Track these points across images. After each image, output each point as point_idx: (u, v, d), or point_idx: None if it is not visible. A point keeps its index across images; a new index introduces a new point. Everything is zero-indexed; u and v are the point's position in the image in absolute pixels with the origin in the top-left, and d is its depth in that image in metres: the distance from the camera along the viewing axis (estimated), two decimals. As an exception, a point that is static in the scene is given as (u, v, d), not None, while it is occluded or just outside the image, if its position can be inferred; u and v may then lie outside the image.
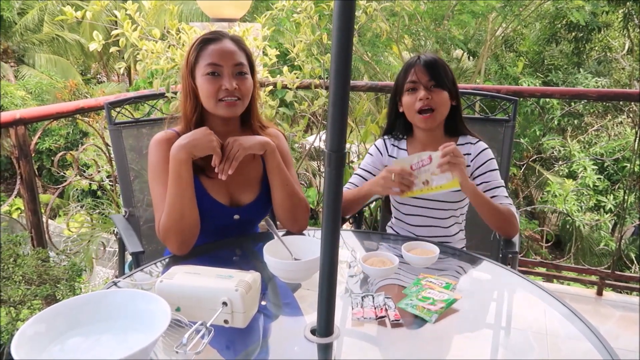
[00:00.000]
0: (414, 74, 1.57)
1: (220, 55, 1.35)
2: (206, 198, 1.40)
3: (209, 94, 1.36)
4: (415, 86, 1.57)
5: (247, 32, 2.40)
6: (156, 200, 1.38)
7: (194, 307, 0.99)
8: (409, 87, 1.58)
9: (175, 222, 1.30)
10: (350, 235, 1.58)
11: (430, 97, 1.55)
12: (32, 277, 1.57)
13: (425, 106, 1.56)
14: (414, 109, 1.58)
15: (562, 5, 7.87)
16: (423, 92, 1.55)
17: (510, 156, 1.94)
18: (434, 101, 1.56)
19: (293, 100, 2.69)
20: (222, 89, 1.34)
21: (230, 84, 1.34)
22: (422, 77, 1.56)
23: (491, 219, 1.54)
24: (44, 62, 13.10)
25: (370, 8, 2.35)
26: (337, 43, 0.81)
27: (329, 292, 0.94)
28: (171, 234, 1.31)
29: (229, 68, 1.35)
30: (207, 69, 1.35)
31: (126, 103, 2.00)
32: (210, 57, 1.35)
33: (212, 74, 1.35)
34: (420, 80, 1.56)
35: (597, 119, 8.67)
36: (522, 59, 9.21)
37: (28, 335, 0.84)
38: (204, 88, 1.36)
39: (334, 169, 0.88)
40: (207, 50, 1.36)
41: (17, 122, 2.01)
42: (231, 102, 1.36)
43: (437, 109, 1.57)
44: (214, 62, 1.35)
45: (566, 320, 1.09)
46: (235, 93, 1.36)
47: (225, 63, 1.35)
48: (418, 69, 1.56)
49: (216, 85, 1.35)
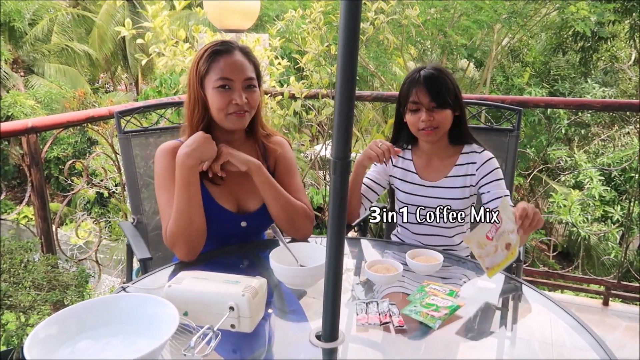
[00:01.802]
0: (416, 95, 1.58)
1: (231, 70, 1.36)
2: (213, 205, 1.42)
3: (220, 108, 1.37)
4: (417, 107, 1.59)
5: (257, 42, 2.44)
6: (162, 208, 1.40)
7: (201, 311, 1.01)
8: (411, 107, 1.60)
9: (183, 229, 1.31)
10: (355, 242, 1.60)
11: (432, 118, 1.58)
12: (41, 283, 1.58)
13: (428, 127, 1.59)
14: (416, 127, 1.61)
15: (567, 16, 7.89)
16: (425, 115, 1.58)
17: (514, 165, 1.95)
18: (435, 121, 1.58)
19: (300, 110, 2.72)
20: (233, 103, 1.36)
21: (241, 98, 1.36)
22: (424, 98, 1.57)
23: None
24: (53, 71, 13.27)
25: (377, 20, 2.38)
26: (343, 53, 0.84)
27: (333, 298, 0.96)
28: (179, 240, 1.32)
29: (240, 82, 1.37)
30: (219, 83, 1.36)
31: (136, 112, 2.03)
32: (222, 70, 1.36)
33: (223, 87, 1.36)
34: (422, 102, 1.58)
35: (604, 129, 8.65)
36: (528, 69, 9.23)
37: (40, 337, 0.86)
38: (215, 101, 1.37)
39: (339, 177, 0.89)
40: (218, 63, 1.36)
41: (29, 131, 2.05)
42: (240, 114, 1.38)
43: (439, 127, 1.60)
44: (226, 77, 1.36)
45: (572, 330, 1.10)
46: (245, 107, 1.38)
47: (237, 77, 1.37)
48: (419, 90, 1.57)
49: (227, 99, 1.36)
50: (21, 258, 1.55)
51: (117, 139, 1.96)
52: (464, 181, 1.65)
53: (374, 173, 1.78)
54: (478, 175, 1.64)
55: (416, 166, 1.72)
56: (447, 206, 1.63)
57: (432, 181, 1.68)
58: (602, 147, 8.19)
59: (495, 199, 1.60)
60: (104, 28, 13.86)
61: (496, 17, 7.56)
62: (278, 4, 7.29)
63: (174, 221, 1.32)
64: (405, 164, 1.74)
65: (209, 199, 1.42)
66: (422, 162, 1.72)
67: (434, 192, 1.67)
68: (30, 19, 13.68)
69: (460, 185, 1.66)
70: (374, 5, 2.39)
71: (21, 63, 13.67)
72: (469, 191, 1.66)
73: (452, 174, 1.67)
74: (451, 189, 1.66)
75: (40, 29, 13.38)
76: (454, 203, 1.66)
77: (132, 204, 1.95)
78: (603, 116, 8.13)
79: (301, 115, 2.84)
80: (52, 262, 1.67)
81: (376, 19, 2.39)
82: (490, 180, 1.62)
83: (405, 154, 1.75)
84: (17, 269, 1.56)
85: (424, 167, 1.71)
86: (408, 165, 1.73)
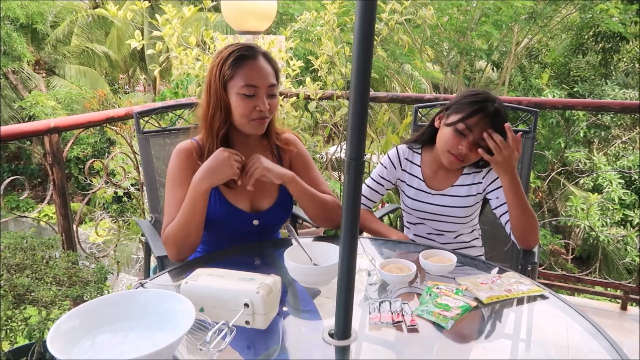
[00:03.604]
0: (476, 123, 1.50)
1: (257, 77, 1.37)
2: (226, 206, 1.44)
3: (244, 114, 1.38)
4: (468, 134, 1.52)
5: (272, 44, 2.46)
6: (167, 204, 1.43)
7: (217, 307, 1.03)
8: (462, 128, 1.52)
9: (179, 238, 1.36)
10: (369, 243, 1.60)
11: (469, 154, 1.53)
12: (62, 279, 1.62)
13: (459, 158, 1.55)
14: (448, 148, 1.56)
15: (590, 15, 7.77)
16: (466, 146, 1.52)
17: (530, 167, 1.94)
18: (469, 158, 1.55)
19: (315, 110, 2.73)
20: (257, 109, 1.38)
21: (265, 105, 1.37)
22: (479, 132, 1.49)
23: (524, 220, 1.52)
24: (74, 72, 13.51)
25: (392, 21, 2.39)
26: (358, 54, 0.85)
27: (346, 296, 0.97)
28: (172, 245, 1.38)
29: (264, 89, 1.38)
30: (244, 90, 1.36)
31: (154, 113, 2.07)
32: (248, 77, 1.36)
33: (247, 94, 1.37)
34: (476, 133, 1.50)
35: (625, 131, 8.50)
36: (547, 70, 9.12)
37: (62, 329, 0.89)
38: (239, 107, 1.38)
39: (352, 177, 0.91)
40: (243, 69, 1.36)
41: (52, 131, 2.10)
42: (262, 121, 1.40)
43: (466, 162, 1.57)
44: (252, 84, 1.36)
45: (587, 333, 1.08)
46: (267, 113, 1.40)
47: (262, 84, 1.37)
48: (485, 121, 1.49)
49: (251, 105, 1.37)
50: (43, 254, 1.60)
51: (136, 139, 2.00)
52: (469, 190, 1.65)
53: (382, 175, 1.78)
54: (485, 183, 1.63)
55: (424, 173, 1.71)
56: (450, 215, 1.64)
57: (438, 190, 1.68)
58: (622, 150, 8.04)
59: (503, 204, 1.59)
60: (122, 30, 14.06)
61: (516, 17, 7.49)
62: (300, 3, 7.32)
63: (174, 227, 1.37)
64: (414, 170, 1.73)
65: (222, 200, 1.45)
66: (430, 171, 1.70)
67: (439, 200, 1.67)
68: (52, 21, 13.95)
69: (466, 194, 1.65)
70: (387, 6, 2.40)
71: (43, 64, 13.94)
72: (475, 199, 1.66)
73: (459, 182, 1.66)
74: (457, 197, 1.65)
75: (62, 31, 13.63)
76: (458, 211, 1.66)
77: (150, 202, 1.99)
78: (624, 118, 7.99)
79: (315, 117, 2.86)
80: (73, 258, 1.71)
81: (390, 20, 2.40)
82: (498, 186, 1.61)
83: (415, 159, 1.74)
84: (39, 265, 1.60)
85: (431, 176, 1.70)
86: (416, 171, 1.73)
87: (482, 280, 1.26)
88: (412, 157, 1.74)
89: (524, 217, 1.50)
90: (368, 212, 1.80)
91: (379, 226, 1.72)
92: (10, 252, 1.58)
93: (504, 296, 1.19)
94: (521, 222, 1.51)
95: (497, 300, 1.18)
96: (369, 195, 1.79)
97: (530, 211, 1.50)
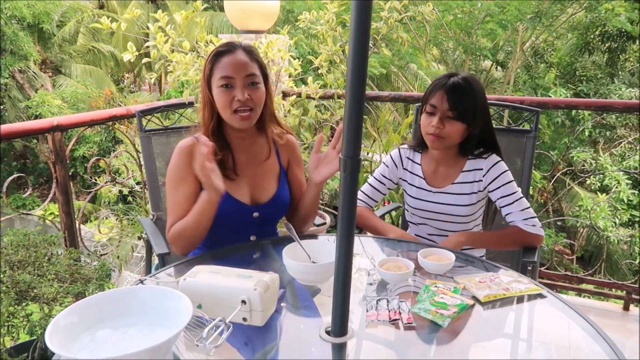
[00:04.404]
0: (435, 98, 1.57)
1: (232, 68, 1.42)
2: (227, 198, 1.47)
3: (224, 105, 1.43)
4: (433, 111, 1.58)
5: (273, 43, 2.47)
6: (170, 202, 1.47)
7: (214, 304, 1.04)
8: (428, 109, 1.59)
9: (186, 238, 1.43)
10: (369, 241, 1.61)
11: (442, 127, 1.56)
12: (64, 276, 1.64)
13: (435, 134, 1.58)
14: (426, 130, 1.61)
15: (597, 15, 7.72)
16: (436, 121, 1.56)
17: (531, 167, 1.94)
18: (444, 131, 1.57)
19: (315, 109, 2.74)
20: (235, 99, 1.41)
21: (243, 94, 1.41)
22: (442, 104, 1.55)
23: (503, 246, 1.73)
24: (80, 72, 13.56)
25: (391, 19, 2.39)
26: (353, 52, 0.86)
27: (343, 293, 0.98)
28: (179, 243, 1.44)
29: (241, 80, 1.42)
30: (221, 82, 1.42)
31: (156, 111, 2.09)
32: (223, 69, 1.42)
33: (225, 86, 1.42)
34: (439, 107, 1.56)
35: (631, 131, 8.44)
36: (553, 70, 9.07)
37: (61, 325, 0.90)
38: (219, 99, 1.44)
39: (349, 174, 0.91)
40: (220, 63, 1.43)
41: (55, 129, 2.12)
42: (245, 115, 1.43)
43: (446, 138, 1.58)
44: (227, 75, 1.42)
45: (587, 334, 1.08)
46: (248, 103, 1.42)
47: (237, 75, 1.42)
48: (441, 95, 1.56)
49: (229, 96, 1.42)
50: (45, 251, 1.61)
51: (139, 137, 2.01)
52: (471, 187, 1.65)
53: (383, 174, 1.79)
54: (485, 181, 1.64)
55: (424, 171, 1.72)
56: (451, 214, 1.65)
57: (439, 187, 1.68)
58: (628, 150, 7.98)
59: (507, 205, 1.60)
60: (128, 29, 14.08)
61: (521, 17, 7.46)
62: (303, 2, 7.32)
63: (181, 228, 1.41)
64: (415, 169, 1.74)
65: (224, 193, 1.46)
66: (430, 168, 1.71)
67: (440, 198, 1.68)
68: (59, 20, 14.01)
69: (468, 191, 1.65)
70: (387, 4, 2.39)
71: (49, 64, 14.01)
72: (477, 197, 1.66)
73: (459, 180, 1.66)
74: (458, 195, 1.66)
75: (68, 31, 13.68)
76: (460, 209, 1.66)
77: (152, 201, 2.00)
78: (630, 118, 7.93)
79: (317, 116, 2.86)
80: (75, 255, 1.72)
81: (390, 18, 2.39)
82: (499, 185, 1.61)
83: (415, 157, 1.75)
84: (41, 262, 1.61)
85: (431, 174, 1.71)
86: (416, 170, 1.74)
87: (480, 278, 1.26)
88: (414, 156, 1.75)
89: (504, 248, 1.78)
90: (368, 210, 1.81)
91: (379, 223, 1.73)
92: (13, 248, 1.60)
93: (501, 295, 1.19)
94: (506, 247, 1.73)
95: (494, 299, 1.18)
96: (370, 193, 1.80)
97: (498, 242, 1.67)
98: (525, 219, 1.59)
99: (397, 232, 1.67)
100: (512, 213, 1.61)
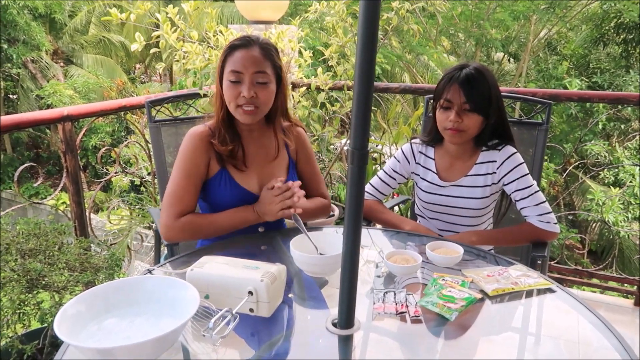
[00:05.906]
0: (450, 92, 1.54)
1: (242, 63, 1.40)
2: (236, 188, 1.47)
3: (230, 99, 1.43)
4: (449, 105, 1.56)
5: (283, 34, 2.45)
6: (175, 187, 1.44)
7: (221, 295, 1.04)
8: (444, 104, 1.57)
9: (200, 234, 1.48)
10: (378, 233, 1.60)
11: (461, 120, 1.54)
12: (74, 265, 1.66)
13: (454, 128, 1.56)
14: (443, 125, 1.59)
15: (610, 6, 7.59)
16: (454, 115, 1.54)
17: (542, 160, 1.92)
18: (463, 124, 1.55)
19: (325, 101, 2.72)
20: (241, 96, 1.41)
21: (249, 92, 1.39)
22: (457, 98, 1.54)
23: (515, 243, 1.70)
24: (91, 62, 13.62)
25: (402, 10, 2.36)
26: (362, 44, 0.85)
27: (350, 285, 0.98)
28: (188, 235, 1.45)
29: (249, 76, 1.40)
30: (230, 76, 1.41)
31: (166, 102, 2.09)
32: (234, 64, 1.41)
33: (233, 81, 1.41)
34: (455, 101, 1.54)
35: (647, 124, 8.32)
36: (565, 62, 8.94)
37: (69, 314, 0.91)
38: (226, 93, 1.43)
39: (356, 166, 0.91)
40: (233, 56, 1.42)
41: (65, 119, 2.13)
42: (248, 110, 1.42)
43: (465, 131, 1.57)
44: (236, 70, 1.41)
45: (596, 329, 1.07)
46: (253, 101, 1.41)
47: (246, 71, 1.40)
48: (455, 88, 1.54)
49: (236, 91, 1.41)
50: (55, 240, 1.63)
51: (148, 127, 2.02)
52: (485, 180, 1.63)
53: (394, 169, 1.78)
54: (499, 174, 1.61)
55: (437, 166, 1.70)
56: (464, 207, 1.63)
57: (451, 181, 1.67)
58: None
59: (524, 198, 1.58)
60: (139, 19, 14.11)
61: (533, 7, 7.36)
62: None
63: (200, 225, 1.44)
64: (428, 163, 1.72)
65: (233, 184, 1.48)
66: (444, 163, 1.69)
67: (453, 191, 1.66)
68: (70, 10, 14.07)
69: (481, 184, 1.63)
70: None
71: (61, 54, 14.10)
72: (490, 190, 1.64)
73: (473, 172, 1.64)
74: (471, 188, 1.64)
75: (79, 21, 13.74)
76: (473, 202, 1.64)
77: (162, 190, 2.01)
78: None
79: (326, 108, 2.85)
80: (85, 245, 1.74)
81: (401, 9, 2.37)
82: (514, 178, 1.59)
83: (428, 152, 1.73)
84: (52, 251, 1.63)
85: (445, 169, 1.69)
86: (430, 164, 1.72)
87: (489, 272, 1.25)
88: (427, 150, 1.74)
89: (516, 244, 1.74)
90: (379, 203, 1.80)
91: (391, 217, 1.72)
92: (24, 237, 1.61)
93: (510, 289, 1.18)
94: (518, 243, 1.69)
95: (502, 293, 1.17)
96: (380, 187, 1.79)
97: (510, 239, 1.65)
98: (540, 215, 1.56)
99: (412, 225, 1.66)
100: (526, 207, 1.58)
